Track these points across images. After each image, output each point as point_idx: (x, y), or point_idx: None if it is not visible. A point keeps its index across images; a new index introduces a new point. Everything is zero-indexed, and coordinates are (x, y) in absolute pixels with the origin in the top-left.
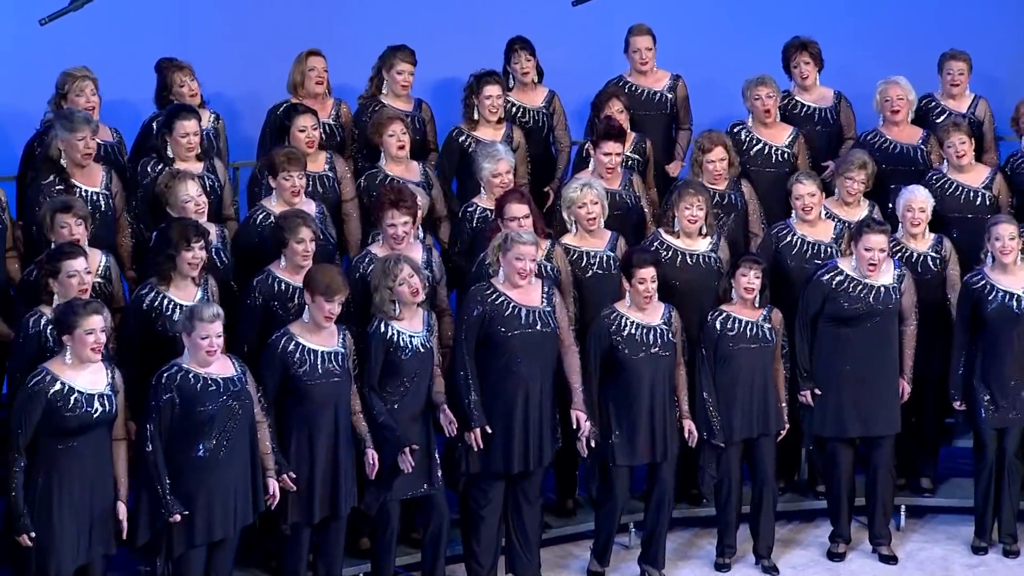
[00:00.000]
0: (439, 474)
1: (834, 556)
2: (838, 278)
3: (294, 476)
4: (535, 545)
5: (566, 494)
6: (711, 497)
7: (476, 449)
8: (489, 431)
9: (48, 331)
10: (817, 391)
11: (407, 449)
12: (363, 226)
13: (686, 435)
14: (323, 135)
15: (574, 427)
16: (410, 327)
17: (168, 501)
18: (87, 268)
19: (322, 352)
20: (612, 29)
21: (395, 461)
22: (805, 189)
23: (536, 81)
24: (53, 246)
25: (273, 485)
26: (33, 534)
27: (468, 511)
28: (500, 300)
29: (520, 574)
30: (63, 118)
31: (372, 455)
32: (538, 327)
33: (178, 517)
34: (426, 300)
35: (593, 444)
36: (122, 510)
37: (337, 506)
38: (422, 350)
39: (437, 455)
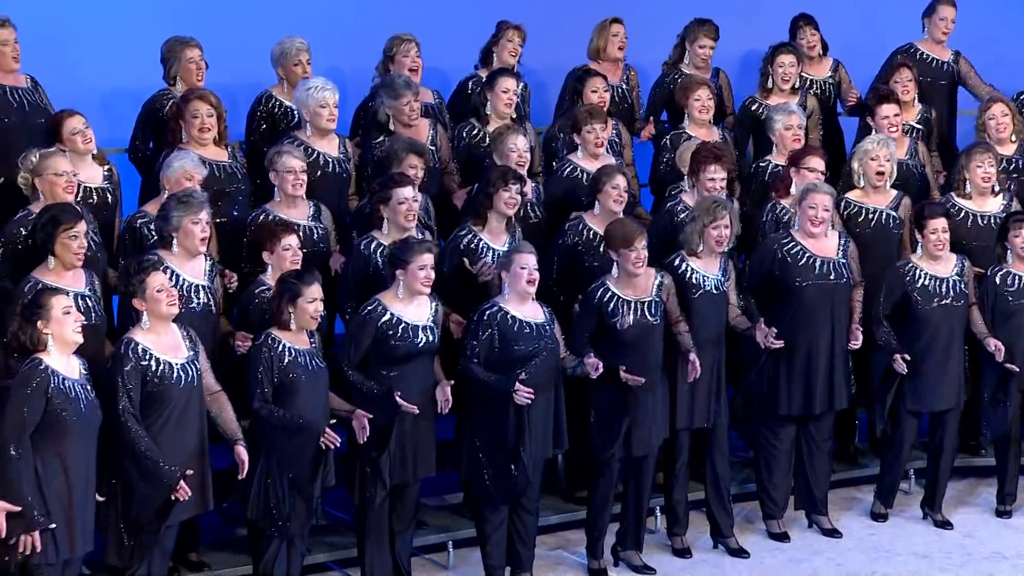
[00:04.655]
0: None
1: None
2: None
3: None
4: (824, 485)
5: (847, 439)
6: (989, 449)
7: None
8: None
9: (378, 254)
10: None
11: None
12: None
13: (993, 350)
14: (614, 98)
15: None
16: (705, 267)
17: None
18: (415, 197)
19: (636, 302)
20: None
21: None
22: None
23: (822, 53)
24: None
25: None
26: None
27: (761, 451)
28: (796, 249)
29: (809, 513)
30: (386, 86)
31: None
32: (832, 277)
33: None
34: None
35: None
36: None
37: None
38: (715, 292)
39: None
